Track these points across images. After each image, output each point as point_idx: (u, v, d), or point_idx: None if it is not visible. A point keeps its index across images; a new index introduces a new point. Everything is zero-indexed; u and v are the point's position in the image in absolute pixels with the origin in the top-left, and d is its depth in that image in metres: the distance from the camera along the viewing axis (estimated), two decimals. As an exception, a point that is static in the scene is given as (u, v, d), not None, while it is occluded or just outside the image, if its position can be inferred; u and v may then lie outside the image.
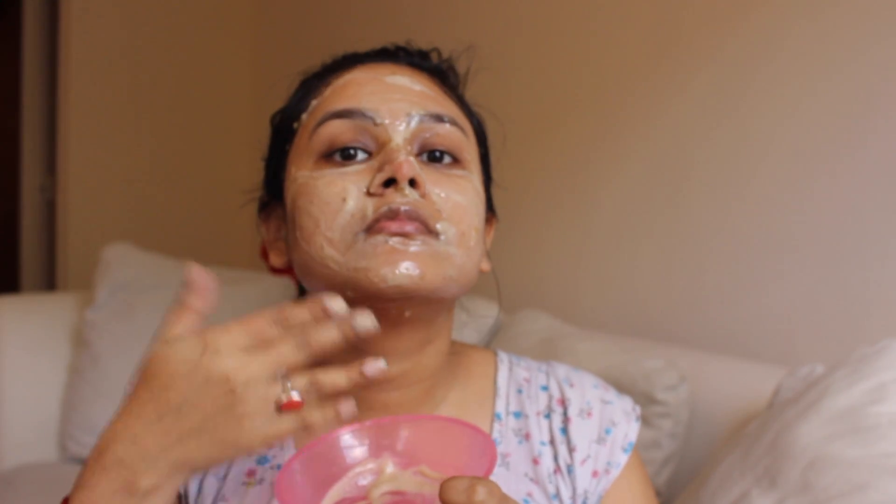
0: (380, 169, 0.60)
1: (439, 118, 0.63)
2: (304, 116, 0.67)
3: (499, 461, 0.69)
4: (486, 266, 0.69)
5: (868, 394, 0.89)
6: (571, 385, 0.73)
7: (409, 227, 0.57)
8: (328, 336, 0.51)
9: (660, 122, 1.55)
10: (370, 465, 0.56)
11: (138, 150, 2.69)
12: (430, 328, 0.64)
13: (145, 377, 0.50)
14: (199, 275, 0.53)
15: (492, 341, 1.61)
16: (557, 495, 0.68)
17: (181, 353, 0.49)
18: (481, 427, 0.70)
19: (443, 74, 0.70)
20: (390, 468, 0.56)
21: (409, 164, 0.58)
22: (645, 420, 1.23)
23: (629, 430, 0.72)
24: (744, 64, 1.40)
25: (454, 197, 0.61)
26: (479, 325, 1.38)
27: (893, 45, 1.20)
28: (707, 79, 1.46)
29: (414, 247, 0.57)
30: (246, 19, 2.88)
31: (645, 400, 1.23)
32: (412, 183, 0.59)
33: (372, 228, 0.58)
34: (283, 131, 0.68)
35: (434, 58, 0.72)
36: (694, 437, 1.25)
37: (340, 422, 0.51)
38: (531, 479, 0.69)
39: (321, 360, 0.52)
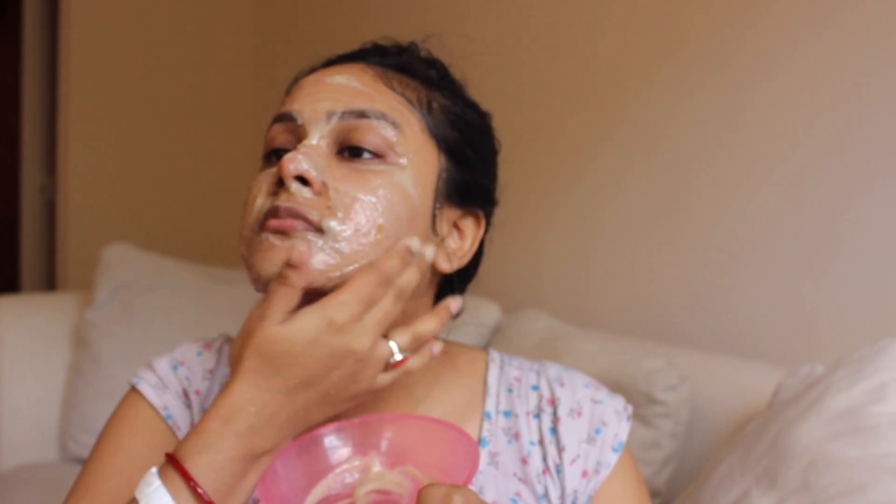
0: None
1: (362, 114, 0.62)
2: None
3: (488, 460, 0.69)
4: (445, 266, 0.65)
5: (868, 394, 0.89)
6: (562, 385, 0.73)
7: (287, 224, 0.59)
8: (412, 278, 0.59)
9: (662, 122, 1.55)
10: (356, 463, 0.56)
11: (138, 151, 2.69)
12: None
13: (266, 356, 0.55)
14: (301, 255, 0.56)
15: (492, 341, 1.61)
16: (546, 495, 0.68)
17: (304, 332, 0.55)
18: (471, 425, 0.71)
19: (406, 69, 0.69)
20: (377, 467, 0.56)
21: (293, 162, 0.59)
22: (645, 420, 1.23)
23: (620, 429, 0.71)
24: (748, 66, 1.40)
25: (355, 193, 0.60)
26: (471, 326, 1.38)
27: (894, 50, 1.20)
28: (711, 80, 1.46)
29: (289, 242, 0.58)
30: (247, 19, 2.88)
31: (645, 400, 1.23)
32: (304, 180, 0.60)
33: (262, 226, 0.61)
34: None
35: (416, 53, 0.71)
36: (694, 437, 1.25)
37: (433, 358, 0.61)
38: (520, 479, 0.69)
39: None
